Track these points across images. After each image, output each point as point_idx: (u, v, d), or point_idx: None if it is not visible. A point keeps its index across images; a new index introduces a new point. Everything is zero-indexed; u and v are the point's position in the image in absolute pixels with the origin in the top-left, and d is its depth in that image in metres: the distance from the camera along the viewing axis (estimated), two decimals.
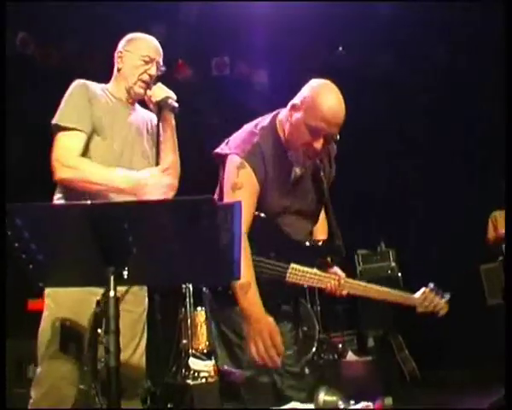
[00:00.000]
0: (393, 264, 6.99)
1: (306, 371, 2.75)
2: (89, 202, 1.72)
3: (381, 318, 6.43)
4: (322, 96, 2.48)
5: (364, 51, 6.98)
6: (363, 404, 2.06)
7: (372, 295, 2.79)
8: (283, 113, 2.64)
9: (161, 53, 2.80)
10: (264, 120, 2.70)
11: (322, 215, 2.88)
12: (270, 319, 2.40)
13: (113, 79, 2.82)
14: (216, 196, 2.65)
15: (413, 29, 6.40)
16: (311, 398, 2.22)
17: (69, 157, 2.51)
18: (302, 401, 2.20)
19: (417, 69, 6.96)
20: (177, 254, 1.77)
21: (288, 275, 2.55)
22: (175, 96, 2.72)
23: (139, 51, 2.74)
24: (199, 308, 5.79)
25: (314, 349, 5.20)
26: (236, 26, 6.13)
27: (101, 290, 2.39)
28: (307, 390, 2.49)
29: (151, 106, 2.78)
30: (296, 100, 2.56)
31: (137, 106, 2.87)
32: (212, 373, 5.06)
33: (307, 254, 2.64)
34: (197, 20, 6.27)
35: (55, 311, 2.49)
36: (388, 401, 5.22)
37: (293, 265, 2.56)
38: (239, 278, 1.91)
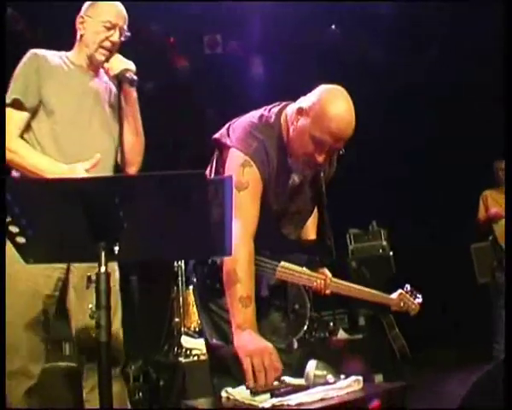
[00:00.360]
0: (385, 243, 7.00)
1: (295, 345, 2.77)
2: (80, 176, 1.71)
3: None
4: (332, 108, 2.31)
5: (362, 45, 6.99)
6: (352, 378, 2.07)
7: (354, 294, 2.92)
8: (290, 110, 2.48)
9: (126, 18, 2.70)
10: (269, 114, 2.53)
11: (314, 212, 2.87)
12: (268, 344, 2.24)
13: (75, 46, 2.74)
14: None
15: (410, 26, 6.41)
16: (300, 373, 2.23)
17: (10, 139, 2.49)
18: (290, 376, 2.20)
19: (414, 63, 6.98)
20: (168, 229, 1.77)
21: (277, 273, 2.55)
22: (134, 68, 2.63)
23: (100, 17, 2.64)
24: (191, 287, 5.79)
25: (305, 327, 5.22)
26: (229, 4, 6.10)
27: (52, 264, 2.45)
28: (295, 365, 2.50)
29: (110, 79, 2.72)
30: (304, 104, 2.39)
31: (103, 73, 2.77)
32: (204, 351, 5.07)
33: (298, 253, 2.66)
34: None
35: (13, 286, 2.48)
36: (379, 378, 5.30)
37: (282, 263, 2.54)
38: (230, 254, 1.91)
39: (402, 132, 7.30)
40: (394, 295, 3.15)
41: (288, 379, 2.15)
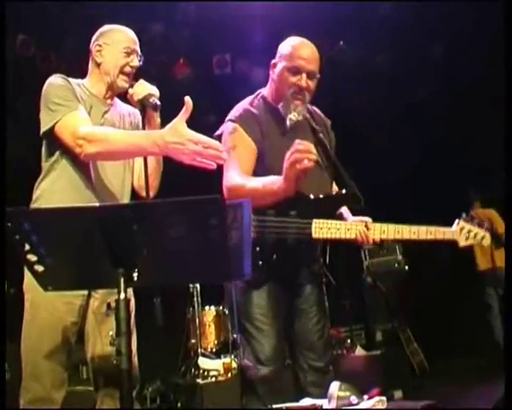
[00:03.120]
0: (400, 257, 6.95)
1: (331, 367, 2.70)
2: (97, 204, 1.71)
3: (388, 312, 6.42)
4: (297, 43, 2.75)
5: (365, 48, 6.98)
6: (376, 399, 2.05)
7: (406, 236, 2.68)
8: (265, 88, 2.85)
9: (138, 43, 2.72)
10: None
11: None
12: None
13: (90, 73, 2.72)
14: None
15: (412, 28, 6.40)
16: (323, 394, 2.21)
17: (91, 130, 2.42)
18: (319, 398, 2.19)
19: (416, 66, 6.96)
20: (187, 253, 1.76)
21: (313, 231, 2.53)
22: (158, 93, 2.62)
23: (119, 43, 2.65)
24: (207, 307, 5.79)
25: None
26: (237, 24, 6.12)
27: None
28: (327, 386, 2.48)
29: (134, 104, 2.69)
30: (274, 60, 2.80)
31: (117, 101, 2.78)
32: (222, 372, 5.06)
33: (326, 208, 2.62)
34: (197, 19, 6.26)
35: (34, 314, 2.48)
36: (398, 394, 5.23)
37: (316, 220, 2.54)
38: (249, 276, 1.91)
39: (414, 144, 7.29)
40: (454, 227, 2.79)
41: (310, 401, 2.13)
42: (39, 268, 1.86)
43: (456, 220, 2.79)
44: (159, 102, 2.60)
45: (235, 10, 5.90)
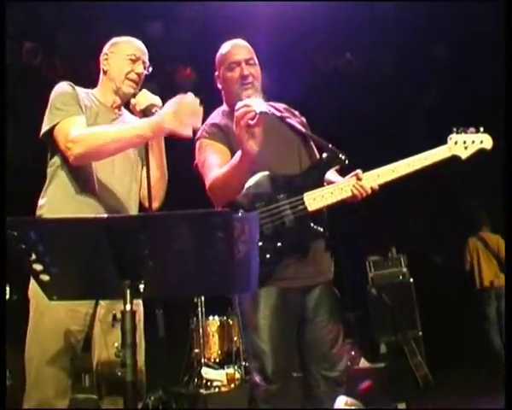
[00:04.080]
0: (405, 269, 6.94)
1: (344, 378, 2.62)
2: (105, 215, 1.70)
3: (392, 324, 6.40)
4: (224, 46, 2.83)
5: (370, 54, 6.97)
6: None
7: (403, 171, 2.66)
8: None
9: (146, 53, 2.76)
10: None
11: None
12: None
13: (99, 83, 2.77)
14: None
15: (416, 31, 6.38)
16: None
17: (78, 132, 2.45)
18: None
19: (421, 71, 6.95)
20: (194, 266, 1.76)
21: (308, 204, 2.53)
22: (160, 104, 2.61)
23: (124, 51, 2.71)
24: (210, 317, 5.78)
25: None
26: (243, 34, 6.12)
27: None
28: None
29: (136, 114, 2.69)
30: (216, 72, 2.85)
31: (126, 112, 2.80)
32: (225, 382, 5.04)
33: (312, 179, 2.62)
34: (201, 26, 6.27)
35: (38, 322, 2.46)
36: (402, 406, 5.21)
37: (306, 193, 2.55)
38: (256, 289, 1.90)
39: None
40: (448, 144, 2.74)
41: None
42: (45, 277, 1.86)
43: (449, 136, 2.74)
44: None
45: (239, 15, 5.91)
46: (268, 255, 2.47)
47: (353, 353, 6.14)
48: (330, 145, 2.68)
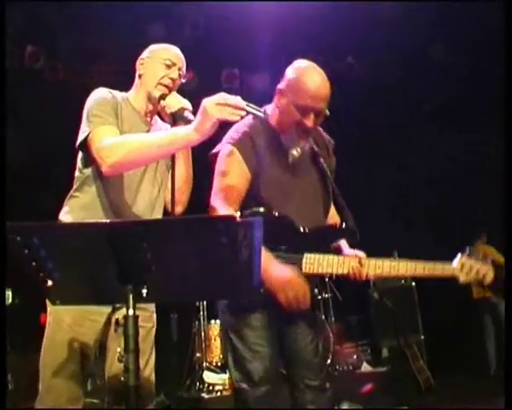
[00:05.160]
0: None
1: (327, 385, 2.64)
2: (108, 220, 1.70)
3: (394, 328, 6.39)
4: (306, 75, 2.57)
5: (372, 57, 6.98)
6: None
7: (402, 272, 2.59)
8: (269, 105, 2.69)
9: (184, 61, 2.70)
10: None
11: (333, 209, 2.82)
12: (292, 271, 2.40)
13: (133, 87, 2.71)
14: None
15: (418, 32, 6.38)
16: None
17: (111, 141, 2.38)
18: None
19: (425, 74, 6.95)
20: (197, 271, 1.76)
21: (303, 266, 2.48)
22: (191, 107, 2.54)
23: (160, 56, 2.65)
24: (212, 321, 5.78)
25: (329, 361, 5.17)
26: (245, 37, 6.14)
27: (100, 308, 2.42)
28: (327, 405, 2.44)
29: (165, 118, 2.66)
30: (281, 85, 2.63)
31: (158, 120, 2.76)
32: (227, 386, 5.03)
33: (319, 241, 2.55)
34: (205, 31, 6.28)
35: (55, 329, 2.45)
36: None
37: (307, 254, 2.49)
38: (259, 294, 1.90)
39: (423, 160, 7.29)
40: (455, 263, 2.65)
41: None
42: (48, 282, 1.86)
43: (458, 255, 2.66)
44: (192, 117, 2.48)
45: (243, 20, 5.92)
46: None
47: (355, 357, 6.15)
48: (349, 214, 2.61)
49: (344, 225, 2.59)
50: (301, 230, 2.54)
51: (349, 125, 6.85)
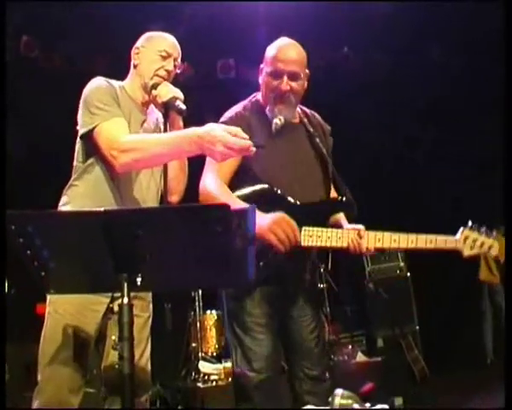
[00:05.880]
0: (402, 264, 6.94)
1: (326, 375, 2.65)
2: (102, 209, 1.71)
3: (390, 318, 6.41)
4: (275, 44, 2.72)
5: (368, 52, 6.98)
6: (378, 407, 2.04)
7: (403, 245, 2.55)
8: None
9: (179, 51, 2.69)
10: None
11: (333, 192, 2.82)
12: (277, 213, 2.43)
13: (129, 76, 2.70)
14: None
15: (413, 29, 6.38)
16: (325, 401, 2.20)
17: (126, 140, 2.37)
18: (321, 405, 2.17)
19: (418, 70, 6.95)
20: (191, 259, 1.76)
21: (302, 239, 2.47)
22: (182, 97, 2.55)
23: (156, 46, 2.63)
24: (208, 311, 5.79)
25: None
26: (241, 28, 6.12)
27: (100, 298, 2.42)
28: (325, 396, 2.44)
29: (157, 107, 2.66)
30: (262, 64, 2.75)
31: (154, 108, 2.75)
32: (223, 376, 5.05)
33: (317, 215, 2.56)
34: (201, 22, 6.26)
35: (56, 319, 2.44)
36: (398, 401, 5.23)
37: (305, 227, 2.48)
38: (252, 282, 1.90)
39: (419, 152, 7.29)
40: (457, 236, 2.58)
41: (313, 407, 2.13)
42: (42, 271, 1.86)
43: (461, 228, 2.59)
44: (184, 107, 2.51)
45: (239, 12, 5.91)
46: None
47: (350, 347, 6.17)
48: (346, 189, 2.63)
49: (342, 198, 2.62)
50: (296, 203, 2.55)
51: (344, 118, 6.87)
